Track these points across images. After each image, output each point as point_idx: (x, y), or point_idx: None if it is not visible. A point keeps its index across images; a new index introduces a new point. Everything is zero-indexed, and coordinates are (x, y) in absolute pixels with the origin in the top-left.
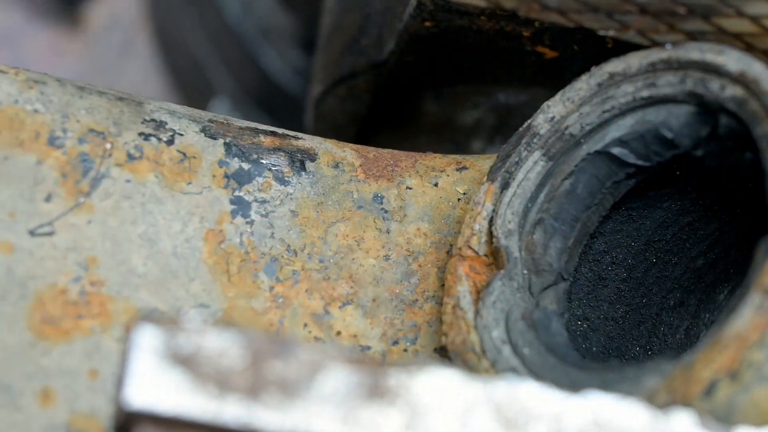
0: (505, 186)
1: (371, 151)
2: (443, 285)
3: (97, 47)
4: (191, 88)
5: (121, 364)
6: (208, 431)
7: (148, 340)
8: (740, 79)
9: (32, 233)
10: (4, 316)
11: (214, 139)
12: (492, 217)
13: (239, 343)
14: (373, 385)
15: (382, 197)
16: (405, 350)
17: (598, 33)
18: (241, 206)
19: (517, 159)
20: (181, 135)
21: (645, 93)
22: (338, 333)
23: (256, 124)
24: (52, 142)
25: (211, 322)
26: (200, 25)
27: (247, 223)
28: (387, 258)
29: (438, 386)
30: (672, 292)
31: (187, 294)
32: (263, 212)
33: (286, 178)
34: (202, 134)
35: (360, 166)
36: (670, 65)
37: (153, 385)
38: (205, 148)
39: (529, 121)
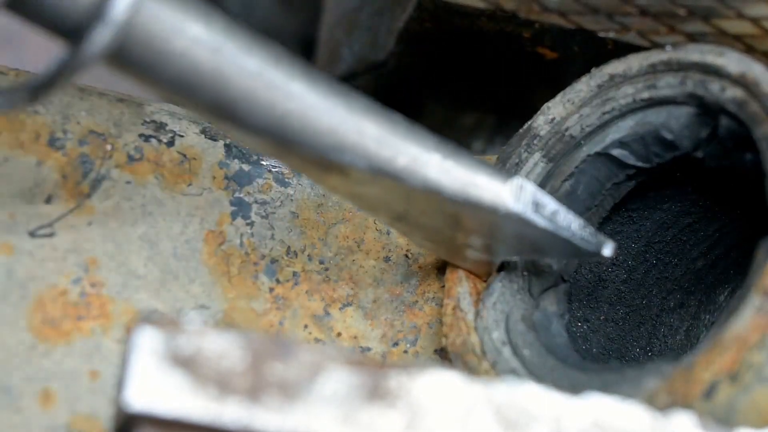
0: None
1: None
2: (443, 286)
3: None
4: None
5: (122, 366)
6: None
7: (148, 342)
8: (740, 81)
9: (32, 234)
10: (4, 317)
11: (215, 140)
12: None
13: (239, 345)
14: (374, 387)
15: None
16: (405, 351)
17: (598, 34)
18: (241, 207)
19: (517, 160)
20: (182, 136)
21: (645, 94)
22: (338, 334)
23: None
24: (53, 143)
25: (211, 324)
26: None
27: (247, 224)
28: (387, 259)
29: (438, 388)
30: (672, 293)
31: (187, 295)
32: (263, 213)
33: (287, 180)
34: (203, 135)
35: None
36: (671, 67)
37: (153, 386)
38: (205, 150)
39: (529, 122)
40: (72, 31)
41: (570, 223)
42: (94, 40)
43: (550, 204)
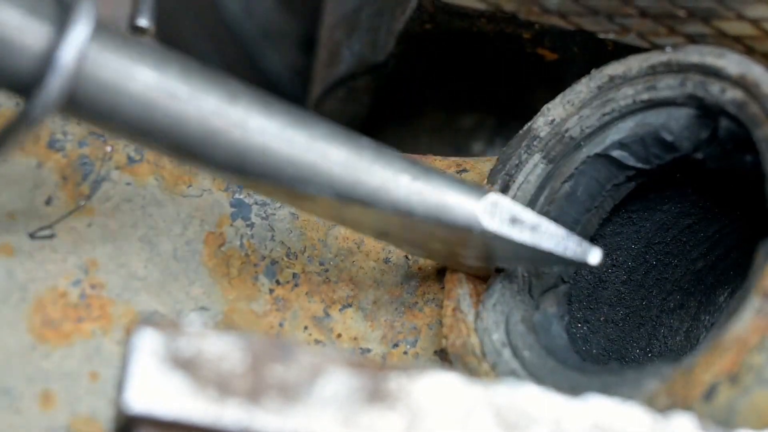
0: (505, 189)
1: None
2: (443, 287)
3: None
4: None
5: (122, 368)
6: None
7: (148, 344)
8: (740, 82)
9: (32, 236)
10: (4, 319)
11: None
12: None
13: (239, 347)
14: (374, 389)
15: None
16: (405, 353)
17: (598, 36)
18: (241, 209)
19: (517, 161)
20: None
21: (645, 96)
22: (339, 336)
23: None
24: (53, 144)
25: (211, 325)
26: (200, 26)
27: (247, 225)
28: (387, 260)
29: (438, 390)
30: (672, 294)
31: (187, 297)
32: (263, 215)
33: None
34: None
35: None
36: (671, 68)
37: (153, 388)
38: None
39: (529, 123)
40: (25, 86)
41: (552, 234)
42: (45, 91)
43: (530, 217)
